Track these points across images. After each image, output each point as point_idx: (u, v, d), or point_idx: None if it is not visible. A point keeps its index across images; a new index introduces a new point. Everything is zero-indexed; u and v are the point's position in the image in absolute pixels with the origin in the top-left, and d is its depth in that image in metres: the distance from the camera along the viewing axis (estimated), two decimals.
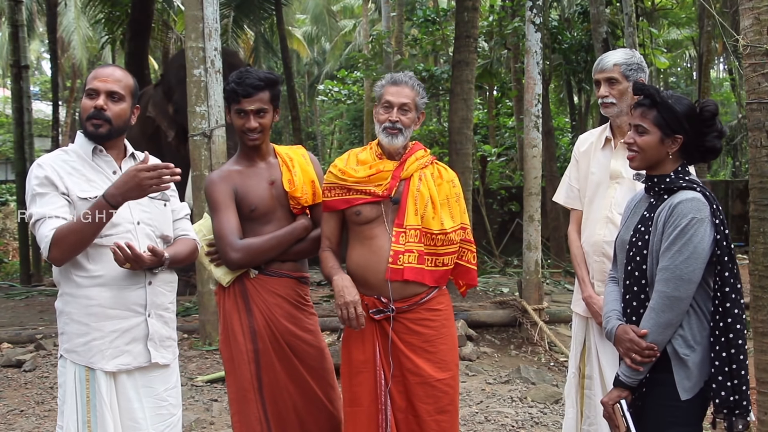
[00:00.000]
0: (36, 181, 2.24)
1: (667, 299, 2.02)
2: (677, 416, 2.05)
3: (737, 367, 2.00)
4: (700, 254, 2.00)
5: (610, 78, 2.76)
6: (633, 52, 2.82)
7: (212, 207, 2.69)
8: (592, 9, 8.47)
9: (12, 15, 11.53)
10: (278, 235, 2.67)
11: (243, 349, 2.65)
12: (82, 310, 2.23)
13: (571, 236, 3.01)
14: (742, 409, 2.01)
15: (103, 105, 2.28)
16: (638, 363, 2.06)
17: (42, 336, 6.08)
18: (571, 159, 3.08)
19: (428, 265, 2.53)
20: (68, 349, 2.26)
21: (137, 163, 2.23)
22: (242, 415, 2.63)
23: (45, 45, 24.25)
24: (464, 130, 8.25)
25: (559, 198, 3.11)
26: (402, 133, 2.53)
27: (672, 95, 2.13)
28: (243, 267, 2.66)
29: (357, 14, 24.93)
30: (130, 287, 2.28)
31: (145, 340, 2.31)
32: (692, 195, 2.05)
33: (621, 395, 2.11)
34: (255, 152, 2.73)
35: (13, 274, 12.89)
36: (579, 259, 2.92)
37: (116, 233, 2.25)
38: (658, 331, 2.04)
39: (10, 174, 20.29)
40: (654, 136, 2.11)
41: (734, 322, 2.01)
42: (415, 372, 2.51)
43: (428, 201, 2.53)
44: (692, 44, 19.57)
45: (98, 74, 2.33)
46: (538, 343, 6.10)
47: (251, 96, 2.61)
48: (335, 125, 26.22)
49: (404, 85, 2.55)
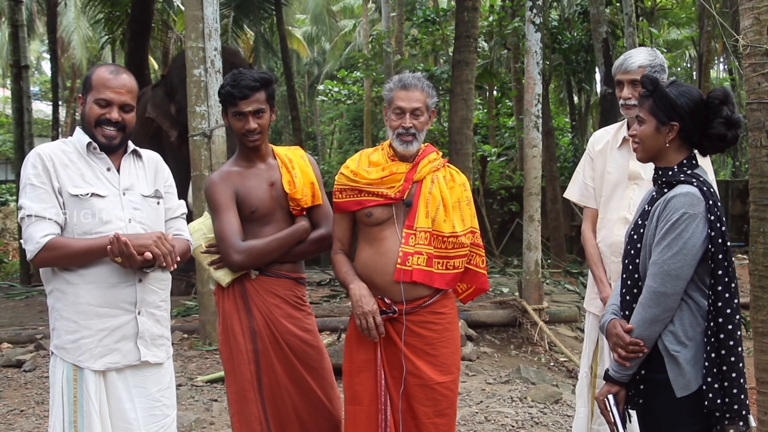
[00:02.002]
0: (32, 171, 2.23)
1: (654, 294, 2.00)
2: (678, 417, 2.03)
3: (728, 369, 1.96)
4: (690, 250, 1.97)
5: (635, 80, 2.71)
6: (655, 52, 2.77)
7: (213, 208, 2.68)
8: (592, 9, 8.48)
9: (12, 15, 11.54)
10: (280, 237, 2.67)
11: (243, 349, 2.65)
12: (71, 307, 2.23)
13: (586, 234, 2.96)
14: (733, 413, 1.96)
15: (119, 118, 2.29)
16: (624, 358, 2.05)
17: (42, 336, 6.08)
18: (584, 156, 3.04)
19: (438, 268, 2.51)
20: (58, 345, 2.26)
21: (165, 245, 2.22)
22: (242, 416, 2.63)
23: (45, 45, 24.24)
24: (464, 130, 8.26)
25: (573, 195, 3.06)
26: (416, 138, 2.52)
27: (677, 84, 2.10)
28: (245, 269, 2.66)
29: (357, 14, 24.92)
30: (120, 285, 2.26)
31: (135, 338, 2.29)
32: (687, 189, 2.01)
33: (610, 390, 2.10)
34: (254, 153, 2.73)
35: (13, 274, 12.88)
36: (596, 258, 2.88)
37: (107, 230, 2.24)
38: (644, 327, 2.02)
39: (10, 174, 20.30)
40: (650, 124, 2.09)
41: (726, 322, 1.97)
42: (415, 374, 2.51)
43: (440, 204, 2.52)
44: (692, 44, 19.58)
45: (110, 83, 2.29)
46: (538, 343, 6.10)
47: (248, 97, 2.60)
48: (335, 125, 26.24)
49: (414, 89, 2.52)
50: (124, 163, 2.39)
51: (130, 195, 2.34)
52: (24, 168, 2.26)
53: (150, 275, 2.32)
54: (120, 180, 2.34)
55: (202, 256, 2.73)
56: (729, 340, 1.97)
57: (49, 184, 2.22)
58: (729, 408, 1.97)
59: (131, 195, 2.35)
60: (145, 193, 2.40)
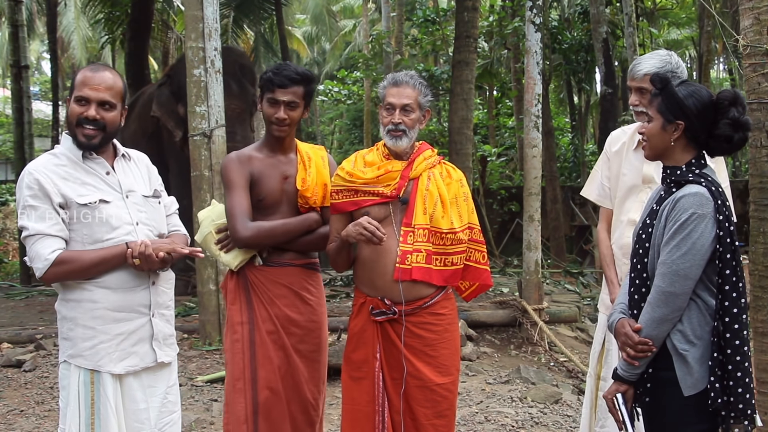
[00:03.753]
0: (29, 192, 2.18)
1: (663, 294, 2.00)
2: (686, 415, 2.03)
3: (733, 369, 1.97)
4: (699, 250, 1.98)
5: (641, 87, 2.71)
6: (669, 56, 2.73)
7: (226, 185, 2.71)
8: (592, 9, 8.48)
9: (12, 15, 11.53)
10: (289, 222, 2.69)
11: (239, 339, 2.66)
12: (87, 314, 2.22)
13: (600, 235, 2.96)
14: (738, 413, 1.97)
15: (96, 116, 2.22)
16: (632, 357, 2.05)
17: (42, 336, 6.08)
18: (602, 156, 3.03)
19: (436, 265, 2.51)
20: (73, 354, 2.24)
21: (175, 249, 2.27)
22: (230, 405, 2.65)
23: (45, 45, 24.25)
24: (464, 130, 8.26)
25: (591, 194, 3.04)
26: (406, 134, 2.52)
27: (687, 84, 2.10)
28: (250, 246, 2.67)
29: (357, 14, 24.93)
30: (135, 288, 2.28)
31: (151, 340, 2.32)
32: (696, 189, 2.02)
33: (618, 389, 2.10)
34: (278, 144, 2.76)
35: (13, 274, 12.87)
36: (609, 259, 2.86)
37: (117, 236, 2.25)
38: (653, 326, 2.02)
39: (10, 174, 20.30)
40: (657, 122, 2.09)
41: (732, 322, 1.98)
42: (415, 375, 2.51)
43: (437, 200, 2.52)
44: (692, 44, 19.57)
45: (88, 80, 2.23)
46: (538, 343, 6.10)
47: (286, 87, 2.64)
48: (335, 125, 26.22)
49: (405, 86, 2.53)
50: (117, 165, 2.37)
51: (132, 197, 2.34)
52: (19, 189, 2.22)
53: (160, 276, 2.34)
54: (120, 183, 2.33)
55: (210, 243, 2.74)
56: (735, 339, 1.98)
57: (48, 202, 2.18)
58: (734, 407, 1.97)
59: (134, 197, 2.34)
60: (146, 194, 2.40)
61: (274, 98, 2.66)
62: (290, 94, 2.66)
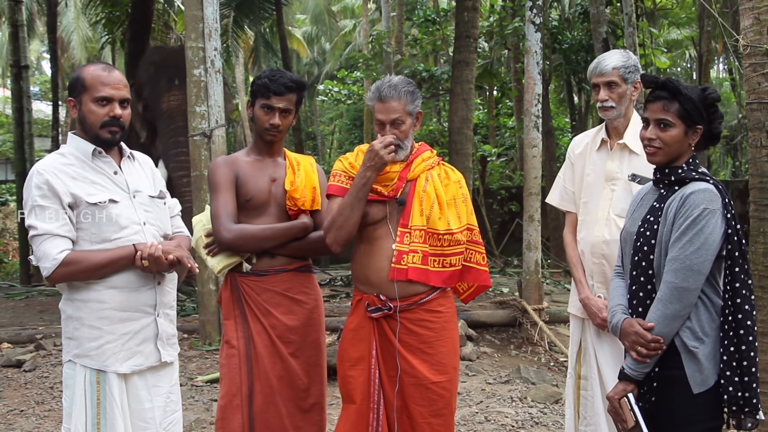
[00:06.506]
0: (38, 192, 2.18)
1: (675, 290, 2.00)
2: (694, 413, 2.03)
3: (747, 364, 1.99)
4: (711, 245, 1.99)
5: (610, 82, 2.75)
6: (628, 53, 2.82)
7: (212, 188, 2.72)
8: (592, 9, 8.47)
9: (12, 15, 11.55)
10: (275, 228, 2.68)
11: (235, 354, 2.65)
12: (94, 314, 2.23)
13: (566, 239, 3.01)
14: (751, 407, 1.99)
15: (121, 114, 2.28)
16: (644, 356, 2.04)
17: (42, 336, 6.08)
18: (566, 161, 3.08)
19: (434, 266, 2.51)
20: (79, 354, 2.25)
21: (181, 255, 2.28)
22: (224, 422, 2.61)
23: (45, 45, 24.25)
24: (464, 130, 8.26)
25: (553, 200, 3.10)
26: (401, 146, 2.50)
27: (687, 85, 2.12)
28: (234, 249, 2.66)
29: (357, 14, 24.93)
30: (141, 288, 2.29)
31: (155, 340, 2.33)
32: (705, 186, 2.04)
33: (627, 389, 2.09)
34: (267, 148, 2.78)
35: (13, 274, 12.89)
36: (575, 260, 2.92)
37: (125, 236, 2.25)
38: (665, 323, 2.02)
39: (10, 174, 20.29)
40: (679, 129, 2.09)
41: (744, 318, 2.00)
42: (410, 373, 2.50)
43: (434, 201, 2.52)
44: (692, 44, 19.58)
45: (106, 80, 2.25)
46: (538, 343, 6.11)
47: (282, 95, 2.66)
48: (335, 125, 26.23)
49: (391, 100, 2.46)
50: (124, 165, 2.38)
51: (139, 197, 2.35)
52: (28, 189, 2.21)
53: (166, 277, 2.36)
54: (128, 183, 2.34)
55: (200, 247, 2.75)
56: (748, 336, 2.00)
57: (58, 202, 2.18)
58: (748, 402, 1.99)
59: (140, 197, 2.36)
60: (152, 194, 2.41)
61: (270, 105, 2.66)
62: (285, 101, 2.67)
